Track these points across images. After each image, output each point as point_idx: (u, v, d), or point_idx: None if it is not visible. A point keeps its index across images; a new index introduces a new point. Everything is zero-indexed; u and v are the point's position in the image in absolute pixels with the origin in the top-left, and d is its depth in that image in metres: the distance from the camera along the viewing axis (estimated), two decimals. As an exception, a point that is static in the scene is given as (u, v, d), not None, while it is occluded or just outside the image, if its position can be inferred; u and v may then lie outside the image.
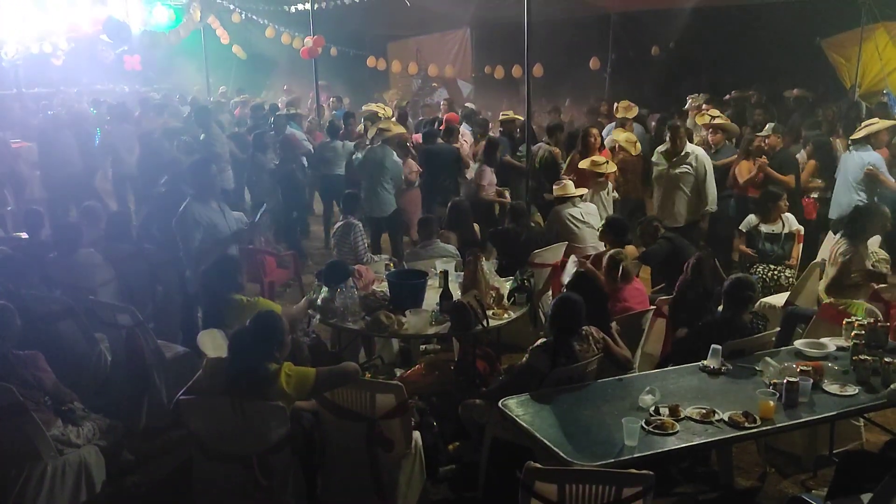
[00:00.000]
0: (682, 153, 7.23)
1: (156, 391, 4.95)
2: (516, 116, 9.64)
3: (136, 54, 17.33)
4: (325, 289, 5.03)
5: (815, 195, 7.56)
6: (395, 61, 16.86)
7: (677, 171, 7.23)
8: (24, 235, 6.41)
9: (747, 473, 4.42)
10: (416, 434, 4.00)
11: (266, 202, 7.62)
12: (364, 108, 11.59)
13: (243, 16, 15.33)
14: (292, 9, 14.08)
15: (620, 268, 5.08)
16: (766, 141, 7.64)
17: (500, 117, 9.07)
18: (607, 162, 7.64)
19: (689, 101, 11.04)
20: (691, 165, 7.19)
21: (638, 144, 8.62)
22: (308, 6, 11.88)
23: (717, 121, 8.46)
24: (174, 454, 4.64)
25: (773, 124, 8.11)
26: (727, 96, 11.53)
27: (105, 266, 5.64)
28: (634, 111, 9.53)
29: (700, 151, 7.35)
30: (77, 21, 14.39)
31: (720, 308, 4.62)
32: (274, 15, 15.09)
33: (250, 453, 3.42)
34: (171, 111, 11.80)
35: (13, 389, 3.66)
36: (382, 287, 5.29)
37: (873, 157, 6.89)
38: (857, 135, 7.11)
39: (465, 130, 9.92)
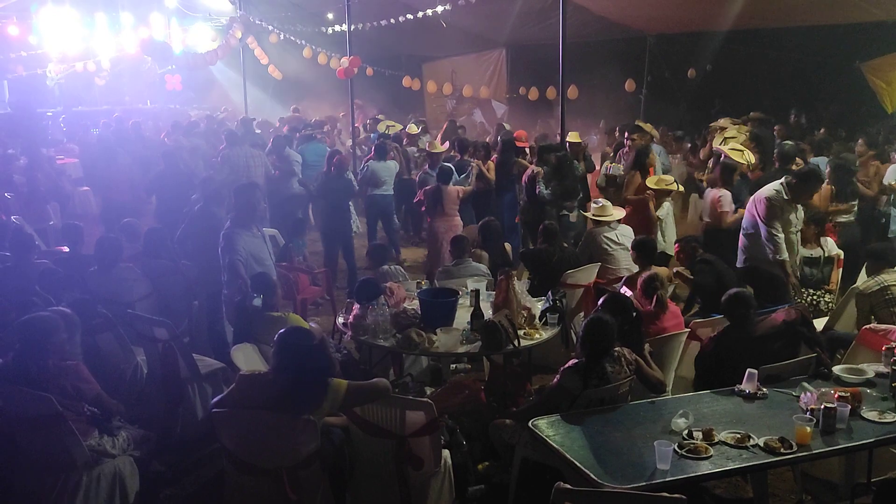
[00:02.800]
0: None
1: (190, 404, 5.02)
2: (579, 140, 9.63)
3: (176, 74, 17.78)
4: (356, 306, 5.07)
5: (841, 218, 7.30)
6: (431, 81, 17.02)
7: None
8: (66, 249, 6.56)
9: (783, 501, 4.33)
10: (446, 453, 3.99)
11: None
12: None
13: (281, 36, 15.63)
14: (329, 30, 14.33)
15: (657, 295, 5.05)
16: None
17: (568, 139, 9.12)
18: (675, 181, 7.64)
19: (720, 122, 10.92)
20: None
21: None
22: (345, 27, 12.07)
23: (726, 144, 8.41)
24: (207, 467, 4.69)
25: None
26: (745, 118, 11.34)
27: (143, 281, 5.77)
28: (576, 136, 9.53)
29: None
30: (121, 41, 14.81)
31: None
32: (311, 36, 15.36)
33: (280, 467, 3.44)
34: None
35: (52, 399, 3.73)
36: (414, 305, 5.31)
37: None
38: None
39: None
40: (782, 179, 6.01)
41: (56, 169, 10.29)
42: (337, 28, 13.94)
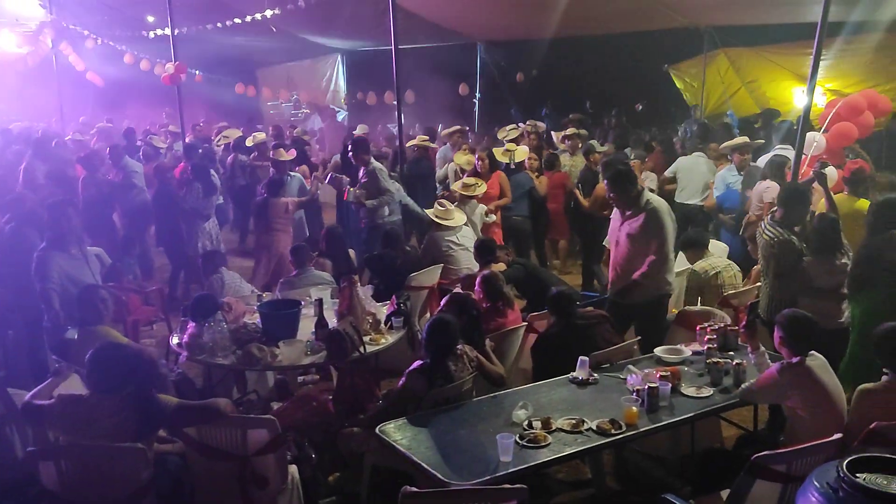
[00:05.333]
0: None
1: (8, 444, 4.57)
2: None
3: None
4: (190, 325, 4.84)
5: None
6: (266, 88, 16.64)
7: None
8: None
9: (619, 478, 4.60)
10: (293, 468, 3.91)
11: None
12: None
13: (98, 41, 14.65)
14: (151, 34, 13.60)
15: (502, 292, 5.21)
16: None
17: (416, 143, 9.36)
18: (478, 183, 7.83)
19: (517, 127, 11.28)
20: None
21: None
22: (168, 31, 11.49)
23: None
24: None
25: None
26: (564, 120, 12.02)
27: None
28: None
29: None
30: None
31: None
32: (132, 40, 14.52)
33: (111, 501, 3.22)
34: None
35: None
36: (255, 319, 5.15)
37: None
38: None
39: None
40: None
41: None
42: (159, 32, 13.26)
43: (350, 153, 7.94)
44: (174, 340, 5.10)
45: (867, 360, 4.45)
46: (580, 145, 9.31)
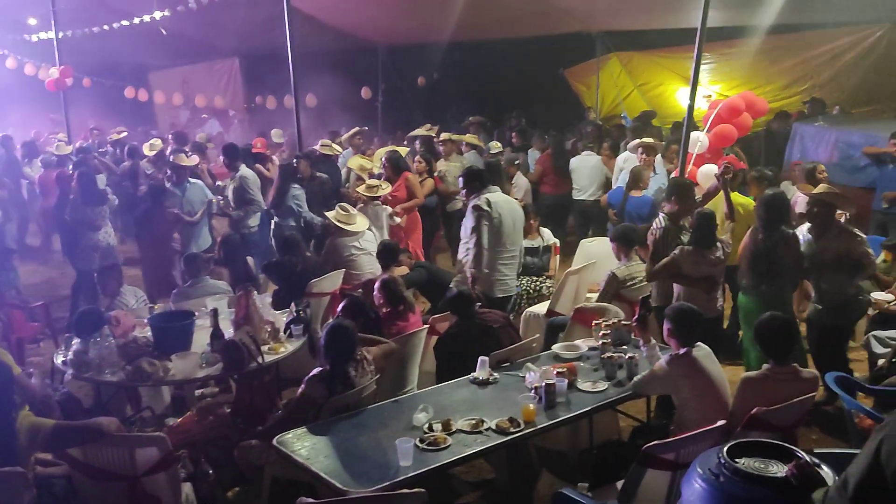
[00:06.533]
0: None
1: None
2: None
3: None
4: (76, 340, 4.60)
5: None
6: (159, 92, 16.05)
7: None
8: None
9: (522, 475, 4.67)
10: (187, 486, 3.77)
11: None
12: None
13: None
14: (34, 37, 12.90)
15: (402, 296, 5.20)
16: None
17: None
18: (381, 185, 7.80)
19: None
20: None
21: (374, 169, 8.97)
22: (52, 34, 10.94)
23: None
24: None
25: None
26: (465, 122, 12.13)
27: None
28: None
29: None
30: None
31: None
32: (14, 44, 13.72)
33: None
34: None
35: None
36: (145, 332, 4.95)
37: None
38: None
39: None
40: None
41: None
42: (43, 35, 12.59)
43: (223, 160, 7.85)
44: (59, 359, 4.83)
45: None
46: (453, 150, 9.26)
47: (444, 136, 9.58)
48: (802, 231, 5.37)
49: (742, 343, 5.53)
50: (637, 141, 8.06)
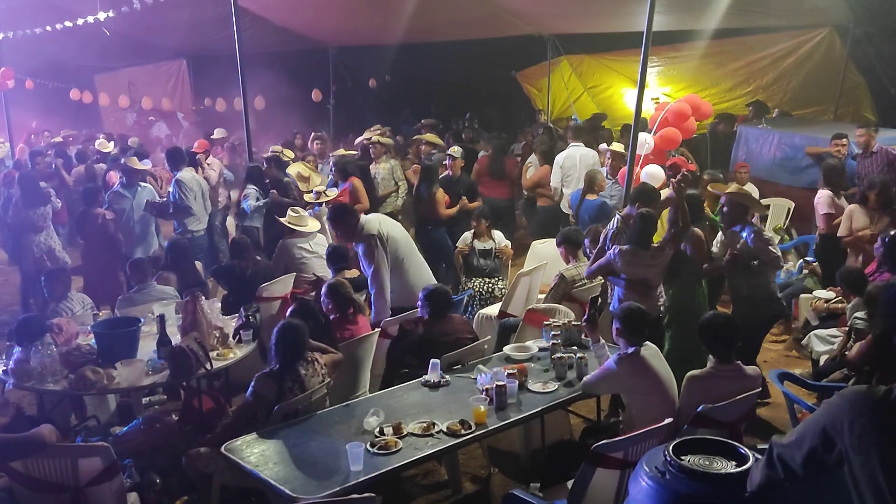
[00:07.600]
0: None
1: None
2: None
3: None
4: (16, 349, 4.47)
5: None
6: (104, 94, 15.67)
7: None
8: None
9: (475, 477, 4.69)
10: (133, 496, 3.70)
11: None
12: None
13: None
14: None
15: (351, 299, 5.15)
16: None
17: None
18: (324, 192, 7.80)
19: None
20: None
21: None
22: (-9, 35, 10.63)
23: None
24: None
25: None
26: (417, 125, 12.11)
27: None
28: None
29: None
30: None
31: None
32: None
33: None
34: None
35: None
36: (89, 339, 4.82)
37: None
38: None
39: None
40: None
41: None
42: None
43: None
44: (-1, 368, 4.69)
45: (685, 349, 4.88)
46: (384, 153, 9.22)
47: (374, 138, 9.54)
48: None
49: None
50: (607, 146, 8.25)
